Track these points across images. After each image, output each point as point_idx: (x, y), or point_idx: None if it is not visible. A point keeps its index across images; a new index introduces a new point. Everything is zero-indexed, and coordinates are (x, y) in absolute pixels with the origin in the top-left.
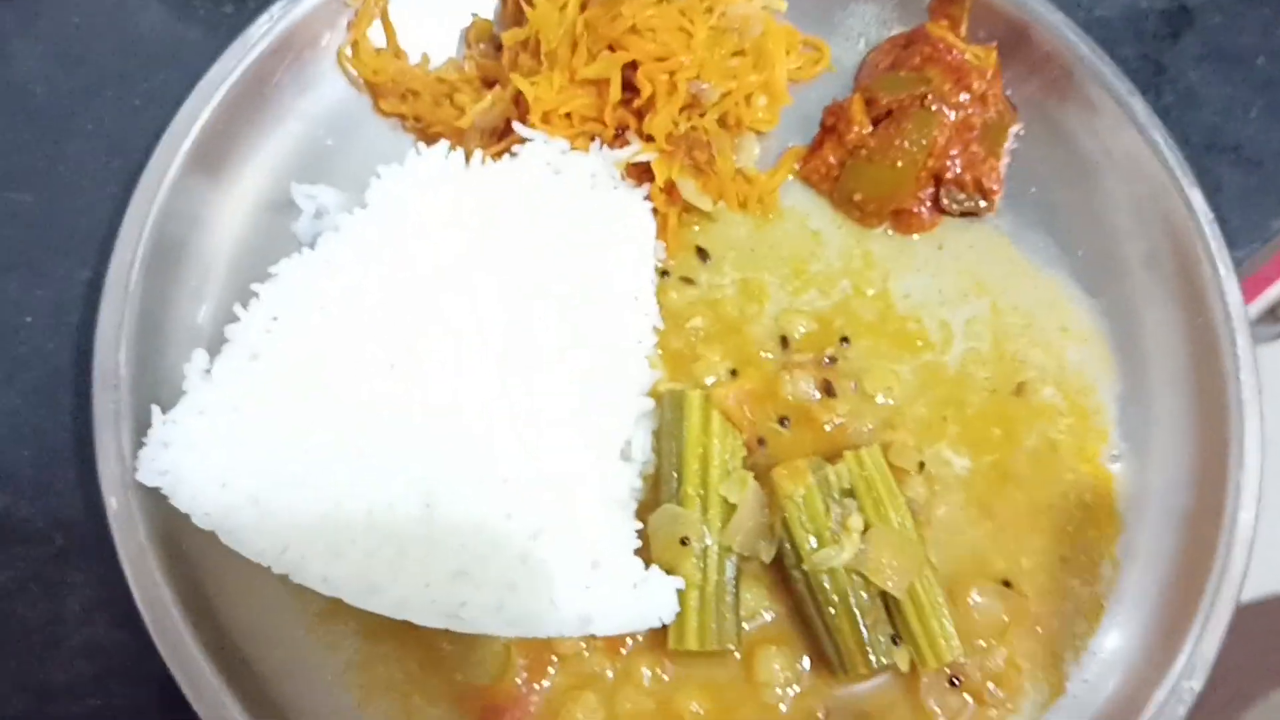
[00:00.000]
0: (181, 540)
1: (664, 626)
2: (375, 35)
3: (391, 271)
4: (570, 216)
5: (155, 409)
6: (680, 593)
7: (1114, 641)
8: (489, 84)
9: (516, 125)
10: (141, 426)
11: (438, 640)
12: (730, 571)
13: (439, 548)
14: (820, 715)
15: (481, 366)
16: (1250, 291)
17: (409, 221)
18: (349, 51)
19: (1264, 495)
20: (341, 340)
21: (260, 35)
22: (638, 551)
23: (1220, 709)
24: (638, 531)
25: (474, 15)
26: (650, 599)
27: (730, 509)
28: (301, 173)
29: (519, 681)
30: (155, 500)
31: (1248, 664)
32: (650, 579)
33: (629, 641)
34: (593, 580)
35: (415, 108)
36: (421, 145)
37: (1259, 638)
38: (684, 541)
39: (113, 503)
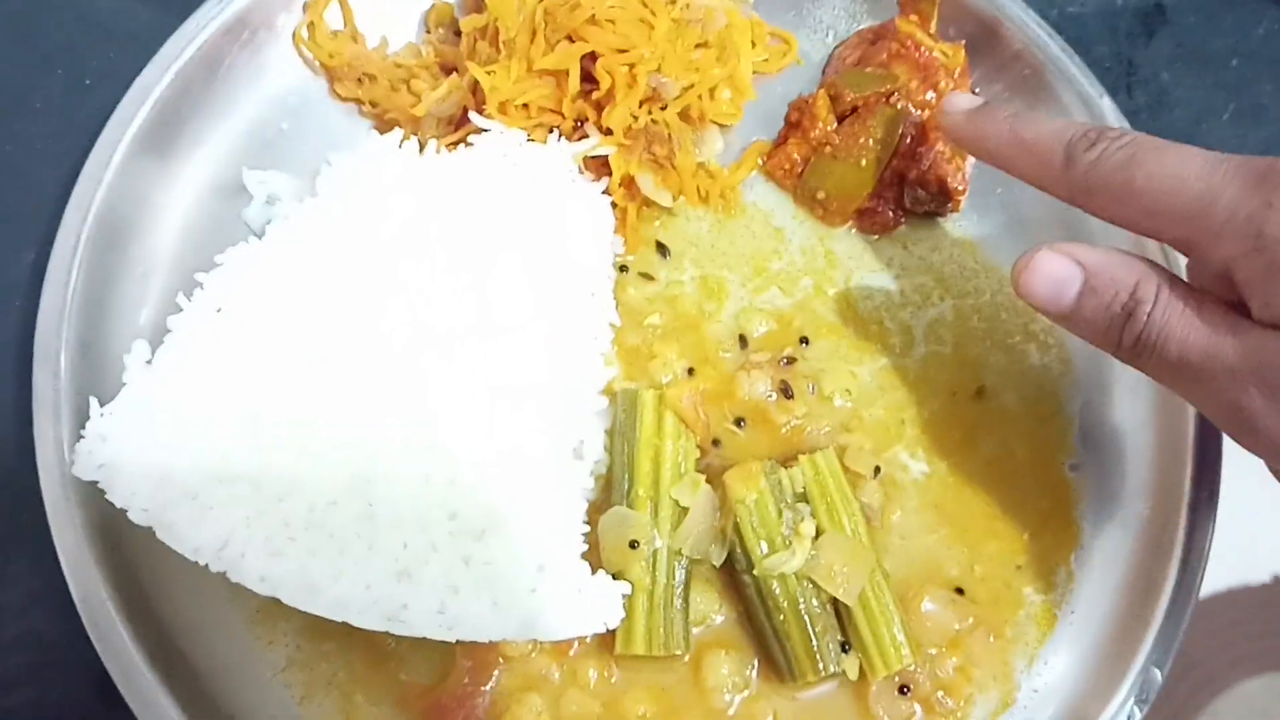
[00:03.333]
0: (120, 533)
1: (610, 630)
2: (332, 17)
3: (340, 263)
4: (526, 209)
5: (93, 401)
6: (628, 596)
7: (1066, 652)
8: (448, 71)
9: (473, 115)
10: (81, 416)
11: (381, 640)
12: (680, 575)
13: (380, 548)
14: None
15: (431, 362)
16: None
17: (359, 211)
18: (304, 33)
19: (1223, 497)
20: (286, 333)
21: (213, 14)
22: (585, 555)
23: (1187, 699)
24: (584, 535)
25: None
26: (596, 604)
27: (682, 512)
28: (254, 157)
29: (464, 682)
30: (93, 492)
31: (1213, 654)
32: (596, 583)
33: (576, 644)
34: (538, 584)
35: (371, 93)
36: (376, 133)
37: (1224, 628)
38: (633, 544)
39: (49, 494)
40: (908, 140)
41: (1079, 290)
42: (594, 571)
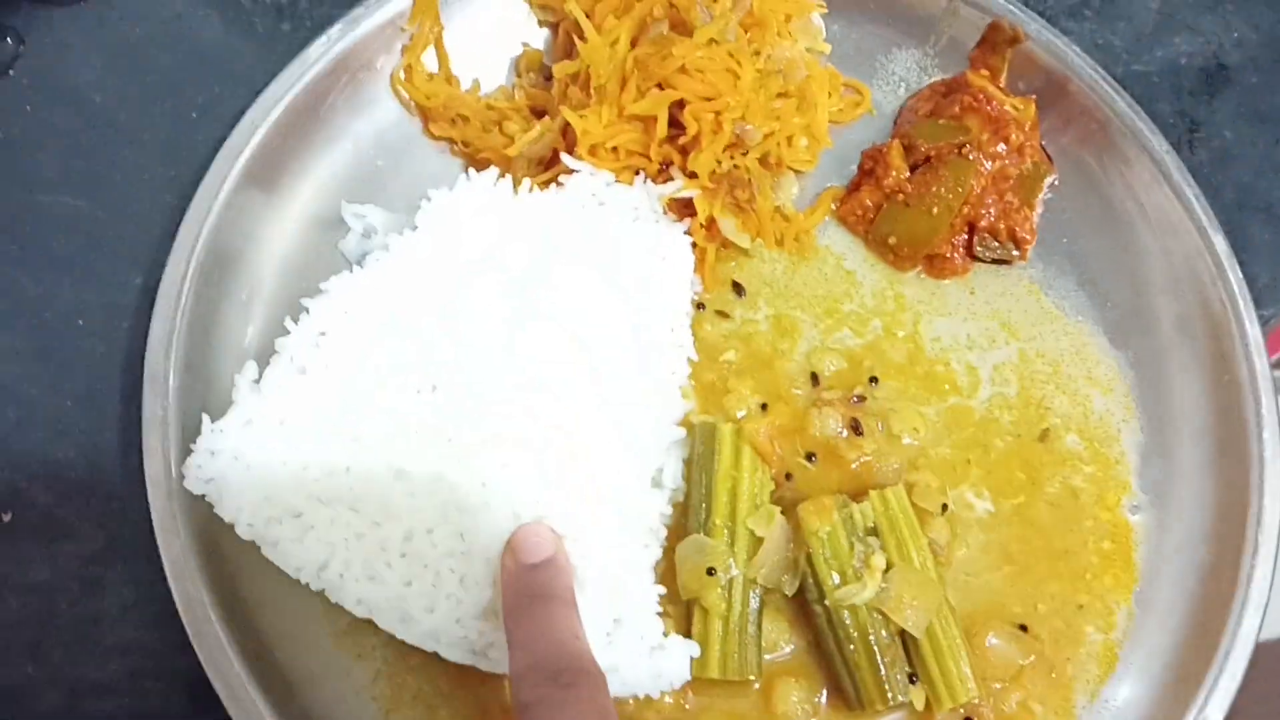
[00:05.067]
0: (220, 544)
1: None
2: (429, 60)
3: (437, 293)
4: (612, 248)
5: (205, 417)
6: (704, 621)
7: (1127, 690)
8: (537, 113)
9: (564, 156)
10: (187, 433)
11: None
12: (754, 603)
13: (471, 584)
14: None
15: (522, 391)
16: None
17: (457, 245)
18: (402, 75)
19: None
20: (387, 359)
21: (318, 56)
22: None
23: None
24: (660, 595)
25: (525, 45)
26: (666, 664)
27: (757, 542)
28: (351, 192)
29: None
30: (198, 506)
31: (1266, 702)
32: (668, 645)
33: None
34: (614, 636)
35: (464, 133)
36: (471, 170)
37: (1276, 677)
38: (710, 571)
39: (157, 506)
40: (978, 190)
41: None
42: (667, 629)
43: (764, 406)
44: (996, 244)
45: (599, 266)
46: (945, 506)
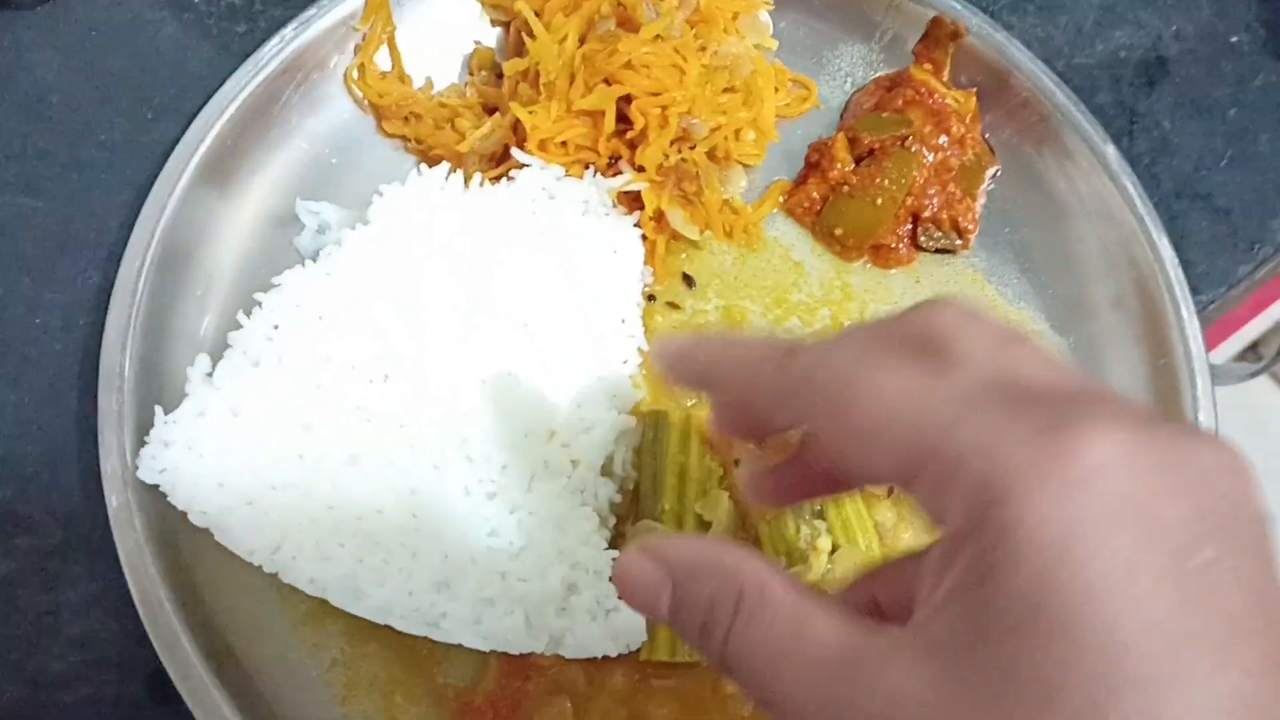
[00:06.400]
0: (177, 538)
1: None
2: (382, 59)
3: (390, 286)
4: (563, 241)
5: (158, 409)
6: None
7: None
8: (489, 110)
9: (515, 151)
10: (143, 426)
11: (420, 644)
12: None
13: (423, 558)
14: None
15: (472, 381)
16: (1225, 330)
17: (409, 238)
18: (355, 74)
19: None
20: (339, 350)
21: (271, 55)
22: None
23: None
24: (612, 559)
25: (477, 43)
26: (621, 626)
27: (705, 526)
28: (306, 189)
29: (497, 685)
30: (153, 499)
31: None
32: (622, 606)
33: None
34: (568, 604)
35: (417, 130)
36: (423, 166)
37: None
38: None
39: (113, 500)
40: (921, 181)
41: (669, 603)
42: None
43: None
44: (940, 234)
45: (550, 259)
46: (891, 490)
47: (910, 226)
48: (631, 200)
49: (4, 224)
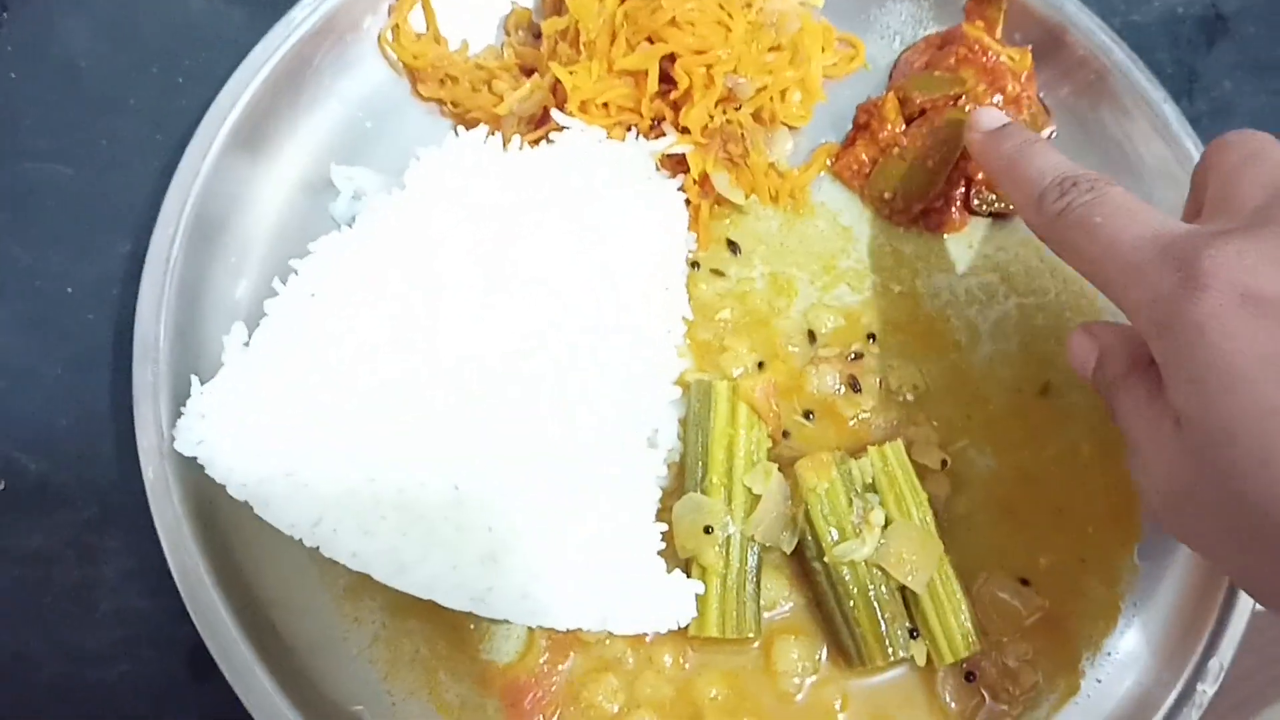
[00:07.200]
0: (215, 511)
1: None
2: (416, 20)
3: (428, 252)
4: (605, 205)
5: (194, 379)
6: (702, 579)
7: (1130, 643)
8: (526, 71)
9: (554, 113)
10: (179, 397)
11: (463, 619)
12: (752, 561)
13: (467, 531)
14: (836, 704)
15: (513, 349)
16: None
17: (447, 203)
18: (389, 35)
19: None
20: (377, 318)
21: (303, 17)
22: (660, 551)
23: (1229, 714)
24: (662, 533)
25: (513, 3)
26: (670, 601)
27: (754, 499)
28: (340, 154)
29: (541, 661)
30: (191, 470)
31: (1258, 670)
32: (671, 582)
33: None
34: (616, 579)
35: (453, 93)
36: (461, 129)
37: (1271, 645)
38: (707, 530)
39: (149, 472)
40: None
41: (1094, 364)
42: (669, 569)
43: (761, 365)
44: (994, 197)
45: (592, 224)
46: (945, 462)
47: (963, 190)
48: (675, 163)
49: (34, 191)
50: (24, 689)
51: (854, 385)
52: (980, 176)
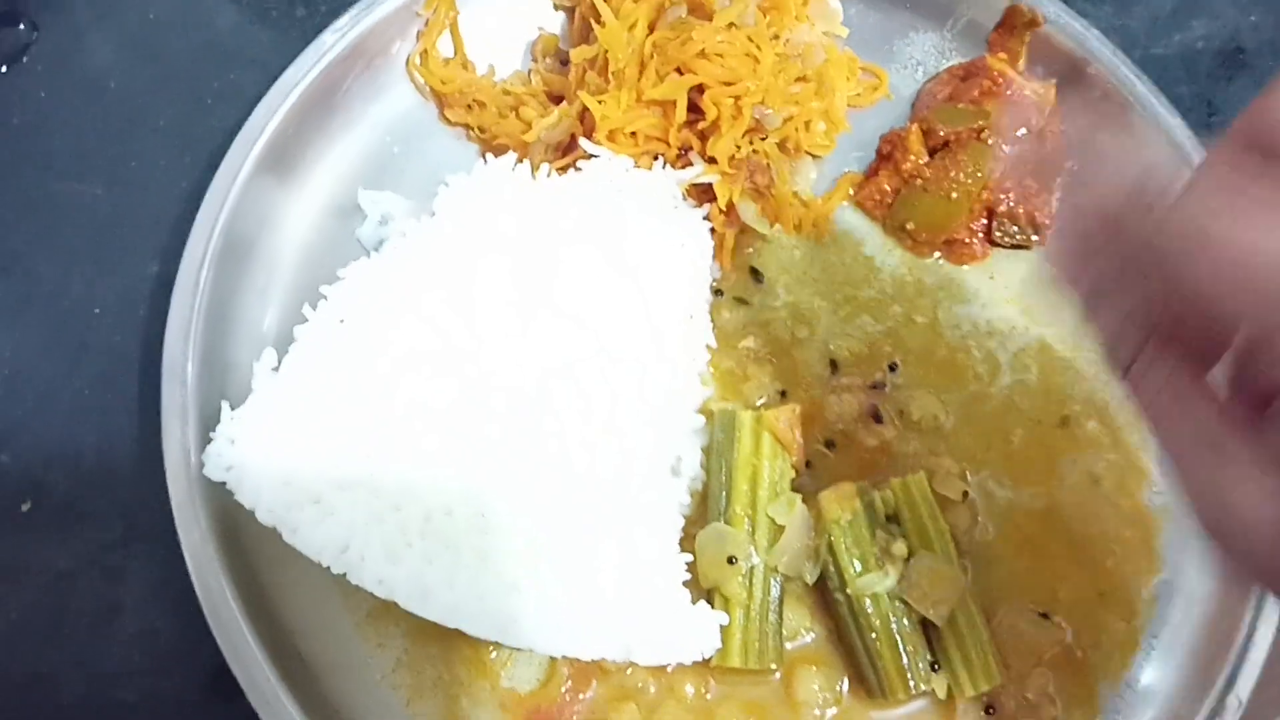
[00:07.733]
0: (240, 533)
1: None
2: (444, 46)
3: (457, 279)
4: (631, 233)
5: (225, 405)
6: (725, 609)
7: (1149, 677)
8: (554, 98)
9: (583, 141)
10: (206, 421)
11: (484, 646)
12: (775, 591)
13: (492, 560)
14: None
15: (538, 376)
16: None
17: (476, 231)
18: (418, 60)
19: None
20: (405, 345)
21: (333, 41)
22: (685, 582)
23: None
24: (687, 564)
25: (541, 30)
26: (695, 633)
27: (777, 530)
28: (368, 178)
29: (563, 690)
30: (217, 493)
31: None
32: (695, 613)
33: None
34: (641, 609)
35: (481, 119)
36: (489, 156)
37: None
38: (731, 560)
39: (176, 494)
40: (997, 174)
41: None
42: (694, 600)
43: (783, 394)
44: (1016, 229)
45: (618, 252)
46: (966, 493)
47: (985, 221)
48: (700, 192)
49: (60, 210)
50: (45, 709)
51: (875, 415)
52: (1002, 209)
